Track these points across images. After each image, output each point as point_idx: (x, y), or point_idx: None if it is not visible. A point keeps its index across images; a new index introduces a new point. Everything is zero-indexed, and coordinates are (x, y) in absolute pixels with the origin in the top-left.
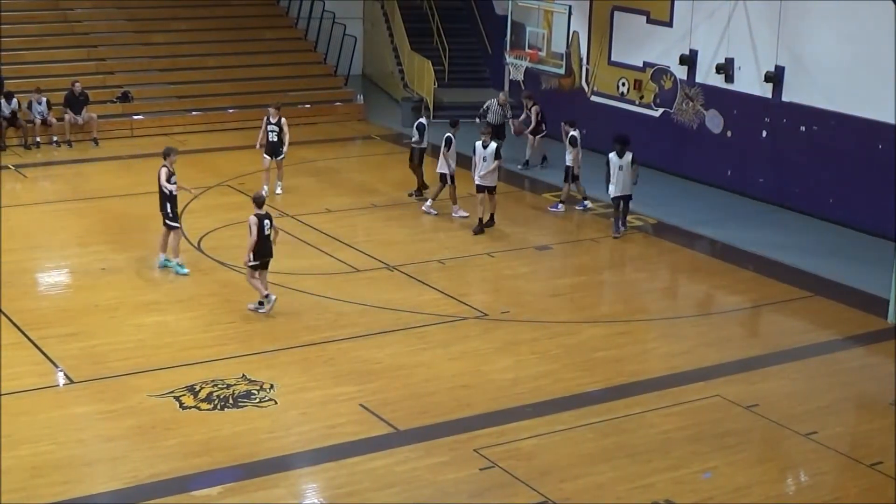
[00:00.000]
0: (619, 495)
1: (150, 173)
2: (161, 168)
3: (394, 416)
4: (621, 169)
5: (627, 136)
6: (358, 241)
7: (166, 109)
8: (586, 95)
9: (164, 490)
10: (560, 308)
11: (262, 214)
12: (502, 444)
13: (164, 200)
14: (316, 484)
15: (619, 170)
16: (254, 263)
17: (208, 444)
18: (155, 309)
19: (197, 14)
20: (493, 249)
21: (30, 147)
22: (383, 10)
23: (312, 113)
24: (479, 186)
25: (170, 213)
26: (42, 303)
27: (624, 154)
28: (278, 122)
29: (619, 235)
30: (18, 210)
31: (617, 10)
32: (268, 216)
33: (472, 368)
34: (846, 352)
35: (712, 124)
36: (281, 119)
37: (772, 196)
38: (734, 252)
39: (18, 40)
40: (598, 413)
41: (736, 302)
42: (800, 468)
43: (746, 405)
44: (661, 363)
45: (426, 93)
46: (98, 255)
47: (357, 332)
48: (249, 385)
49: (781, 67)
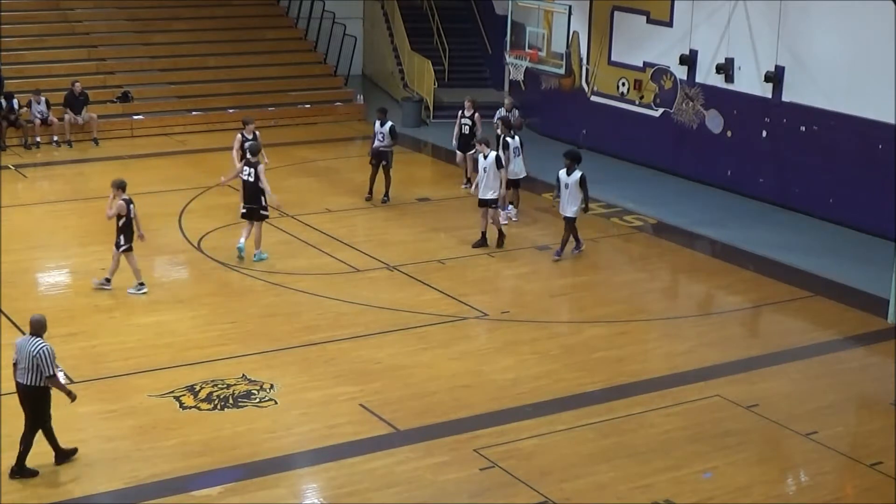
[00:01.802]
0: (619, 495)
1: (150, 173)
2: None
3: (394, 416)
4: (566, 187)
5: (578, 152)
6: (358, 241)
7: (166, 109)
8: (586, 95)
9: (164, 490)
10: (560, 308)
11: (127, 199)
12: (502, 444)
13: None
14: (316, 484)
15: (565, 188)
16: (125, 247)
17: (208, 444)
18: (155, 309)
19: (197, 14)
20: (493, 249)
21: (30, 147)
22: (383, 10)
23: (312, 113)
24: (480, 201)
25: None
26: (42, 303)
27: (572, 172)
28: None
29: (557, 258)
30: (18, 210)
31: (617, 10)
32: (132, 201)
33: (472, 368)
34: (846, 352)
35: (712, 124)
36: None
37: (772, 196)
38: (734, 252)
39: (18, 40)
40: (599, 413)
41: (736, 302)
42: (800, 468)
43: (747, 405)
44: (662, 363)
45: (426, 93)
46: (98, 255)
47: (357, 332)
48: (249, 385)
49: (781, 67)
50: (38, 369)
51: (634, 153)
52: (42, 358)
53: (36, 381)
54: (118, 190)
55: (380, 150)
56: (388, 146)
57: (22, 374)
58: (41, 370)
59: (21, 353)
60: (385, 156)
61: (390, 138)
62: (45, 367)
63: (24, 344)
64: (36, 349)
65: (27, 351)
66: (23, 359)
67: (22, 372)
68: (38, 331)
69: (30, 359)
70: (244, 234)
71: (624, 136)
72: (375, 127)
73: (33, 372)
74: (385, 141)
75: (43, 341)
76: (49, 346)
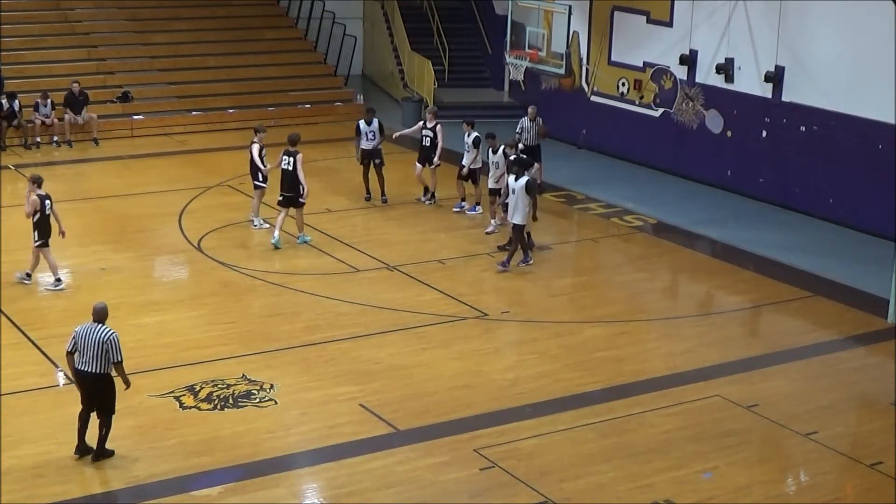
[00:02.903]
0: (619, 495)
1: (150, 173)
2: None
3: (394, 416)
4: (513, 192)
5: (527, 159)
6: (358, 241)
7: (166, 109)
8: (586, 95)
9: (164, 490)
10: (560, 308)
11: (43, 195)
12: (502, 444)
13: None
14: (316, 484)
15: (512, 193)
16: (39, 242)
17: (208, 444)
18: (155, 309)
19: (197, 14)
20: (493, 249)
21: (30, 147)
22: (383, 10)
23: (312, 113)
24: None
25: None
26: (42, 303)
27: (520, 178)
28: None
29: (502, 269)
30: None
31: (617, 10)
32: (49, 196)
33: (472, 368)
34: (846, 352)
35: (712, 124)
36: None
37: (772, 196)
38: (734, 252)
39: (19, 40)
40: (599, 413)
41: (736, 302)
42: (800, 468)
43: (746, 405)
44: (662, 363)
45: (426, 93)
46: (98, 255)
47: (357, 332)
48: (249, 385)
49: (781, 67)
50: (108, 356)
51: (634, 153)
52: (112, 344)
53: (105, 369)
54: (34, 185)
55: (371, 149)
56: (378, 144)
57: (88, 362)
58: (110, 356)
59: (85, 341)
60: (377, 154)
61: (380, 136)
62: (115, 353)
63: (89, 331)
64: (106, 336)
65: (95, 338)
66: (88, 347)
67: (88, 361)
68: (103, 318)
69: (99, 345)
70: (277, 227)
71: (624, 136)
72: (361, 127)
73: (101, 359)
74: (375, 139)
75: (110, 328)
76: (116, 333)
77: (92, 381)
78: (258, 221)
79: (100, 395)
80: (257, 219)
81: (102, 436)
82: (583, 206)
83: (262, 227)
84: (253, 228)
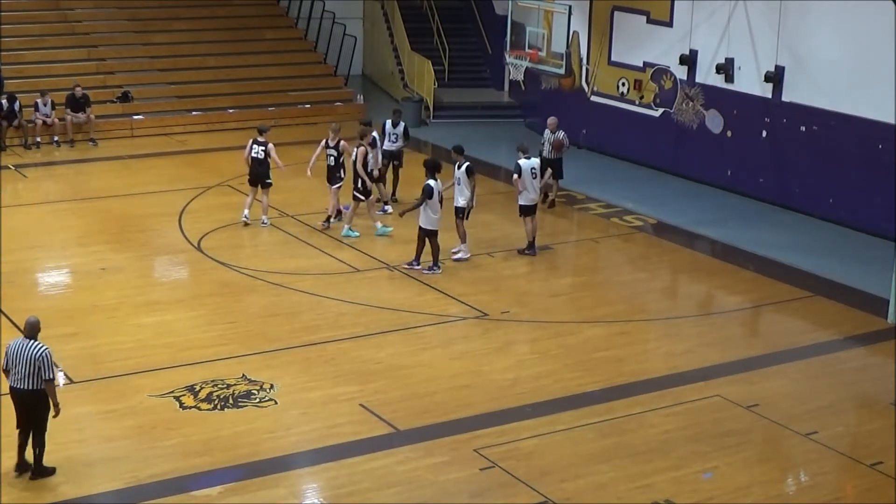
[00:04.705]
0: (619, 495)
1: (150, 173)
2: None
3: (394, 416)
4: (458, 182)
5: (437, 161)
6: (358, 241)
7: (166, 109)
8: (586, 95)
9: (164, 490)
10: (560, 308)
11: None
12: (502, 444)
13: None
14: (316, 484)
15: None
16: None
17: (208, 444)
18: (155, 309)
19: (197, 14)
20: (493, 249)
21: (30, 147)
22: (383, 10)
23: (312, 113)
24: (521, 208)
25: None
26: (42, 303)
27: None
28: None
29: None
30: (18, 210)
31: (617, 10)
32: None
33: (472, 368)
34: (846, 352)
35: (712, 124)
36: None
37: (772, 196)
38: (734, 252)
39: (19, 40)
40: (599, 413)
41: (736, 302)
42: (800, 468)
43: (747, 405)
44: (662, 363)
45: (426, 93)
46: (98, 255)
47: (357, 332)
48: (249, 385)
49: (781, 67)
50: (40, 373)
51: (634, 153)
52: (45, 360)
53: (38, 386)
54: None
55: (394, 150)
56: (401, 147)
57: (21, 380)
58: (42, 373)
59: (17, 357)
60: (398, 156)
61: (404, 139)
62: (46, 369)
63: (21, 347)
64: (39, 352)
65: (28, 355)
66: (21, 364)
67: (21, 378)
68: (35, 333)
69: (31, 363)
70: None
71: (624, 136)
72: (387, 127)
73: (34, 377)
74: (399, 142)
75: (42, 344)
76: (49, 349)
77: (24, 399)
78: (265, 219)
79: (32, 413)
80: (265, 216)
81: (37, 456)
82: (583, 206)
83: (266, 224)
84: (261, 227)
